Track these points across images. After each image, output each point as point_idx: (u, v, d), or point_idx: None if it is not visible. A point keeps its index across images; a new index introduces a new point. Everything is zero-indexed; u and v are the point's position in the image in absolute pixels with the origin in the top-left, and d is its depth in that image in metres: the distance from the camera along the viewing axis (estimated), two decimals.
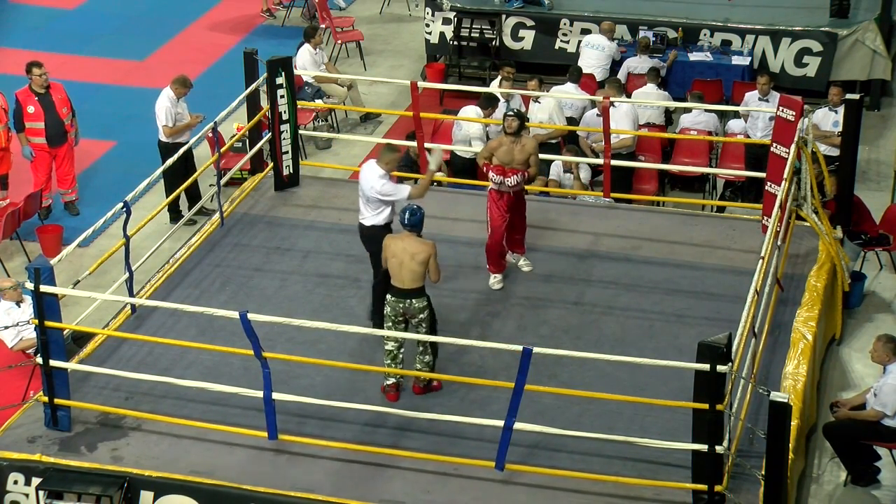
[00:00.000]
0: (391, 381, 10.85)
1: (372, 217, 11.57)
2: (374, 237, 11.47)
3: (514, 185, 12.12)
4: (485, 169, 12.28)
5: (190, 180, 13.51)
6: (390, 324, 10.75)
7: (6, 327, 11.73)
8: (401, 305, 10.69)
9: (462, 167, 15.06)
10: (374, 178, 11.45)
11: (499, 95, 15.42)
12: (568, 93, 15.99)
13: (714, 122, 16.18)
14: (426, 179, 11.72)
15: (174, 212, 14.83)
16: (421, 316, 10.74)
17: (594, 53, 17.78)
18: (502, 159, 12.09)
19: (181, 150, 13.40)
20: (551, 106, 15.39)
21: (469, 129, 15.19)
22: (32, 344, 11.41)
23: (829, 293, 12.53)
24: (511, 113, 12.12)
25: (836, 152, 14.04)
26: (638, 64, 17.51)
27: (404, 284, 10.66)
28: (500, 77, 16.18)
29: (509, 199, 12.20)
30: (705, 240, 13.29)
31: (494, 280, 12.44)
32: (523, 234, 12.62)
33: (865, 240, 13.95)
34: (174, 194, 13.61)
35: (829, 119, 15.13)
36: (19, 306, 12.00)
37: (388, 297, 10.76)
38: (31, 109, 15.25)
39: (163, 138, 14.85)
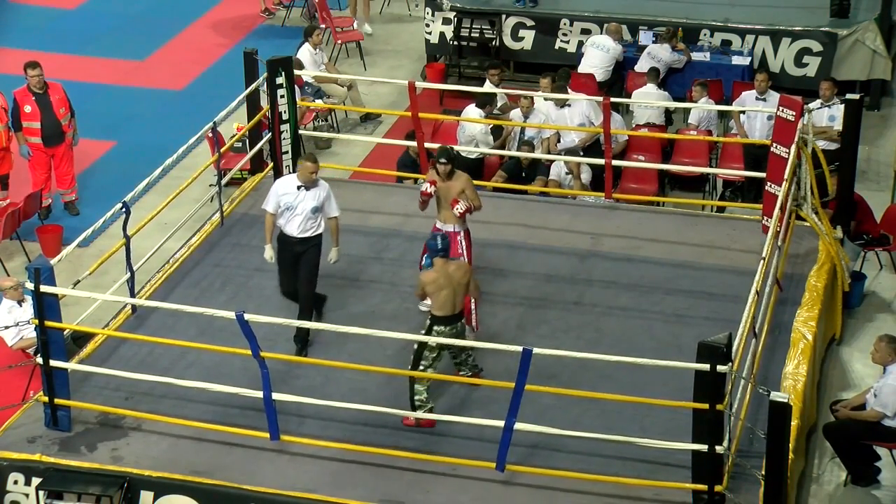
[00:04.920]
0: (429, 405, 10.45)
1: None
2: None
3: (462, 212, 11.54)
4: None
5: (189, 181, 13.48)
6: (434, 356, 10.33)
7: (6, 327, 11.74)
8: (454, 331, 10.45)
9: (464, 167, 15.01)
10: None
11: (499, 95, 15.39)
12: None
13: (715, 121, 16.17)
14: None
15: None
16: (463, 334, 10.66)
17: (598, 54, 17.75)
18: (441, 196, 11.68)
19: None
20: (584, 108, 15.15)
21: (472, 128, 15.17)
22: (33, 343, 11.40)
23: (829, 293, 12.52)
24: (443, 160, 11.56)
25: (833, 146, 14.04)
26: (659, 53, 17.51)
27: (456, 309, 10.47)
28: (487, 80, 16.04)
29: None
30: (705, 240, 13.28)
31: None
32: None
33: (867, 240, 13.94)
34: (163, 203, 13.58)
35: (822, 114, 15.08)
36: (21, 305, 12.01)
37: (439, 328, 10.36)
38: (27, 109, 15.24)
39: None
